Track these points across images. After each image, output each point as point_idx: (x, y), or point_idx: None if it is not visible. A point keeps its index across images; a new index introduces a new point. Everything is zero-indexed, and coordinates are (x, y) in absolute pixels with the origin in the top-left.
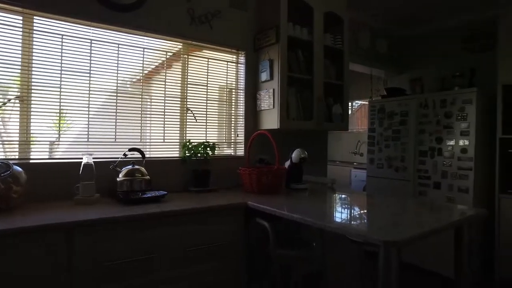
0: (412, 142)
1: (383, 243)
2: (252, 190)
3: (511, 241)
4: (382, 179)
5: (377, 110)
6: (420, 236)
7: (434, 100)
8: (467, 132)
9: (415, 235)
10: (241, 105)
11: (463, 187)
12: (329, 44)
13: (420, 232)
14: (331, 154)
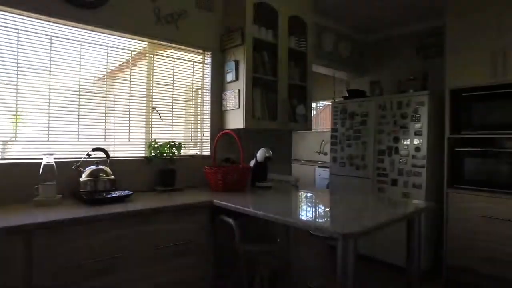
0: (372, 141)
1: (341, 235)
2: (218, 188)
3: (457, 231)
4: (344, 177)
5: (340, 110)
6: (375, 227)
7: (391, 102)
8: (420, 132)
9: (371, 227)
10: (207, 105)
11: (417, 183)
12: (294, 46)
13: (375, 224)
14: (296, 153)
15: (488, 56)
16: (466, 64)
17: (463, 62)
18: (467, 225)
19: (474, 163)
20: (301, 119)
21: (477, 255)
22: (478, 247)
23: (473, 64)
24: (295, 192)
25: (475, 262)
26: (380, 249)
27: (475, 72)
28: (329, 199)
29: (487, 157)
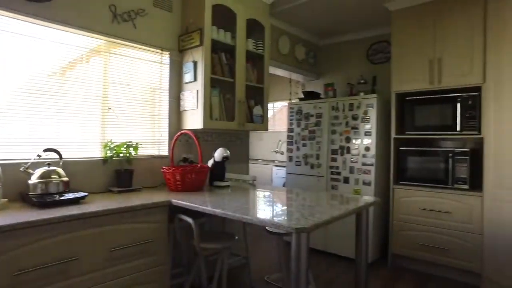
0: (326, 141)
1: (294, 230)
2: (176, 188)
3: (401, 223)
4: (300, 175)
5: (295, 111)
6: (326, 222)
7: (343, 104)
8: (369, 133)
9: (322, 221)
10: (165, 105)
11: (367, 181)
12: (251, 49)
13: (326, 219)
14: (254, 153)
15: (426, 64)
16: (408, 71)
17: (406, 69)
18: (409, 217)
19: (416, 161)
20: (258, 119)
21: (417, 244)
22: (417, 236)
23: (414, 71)
24: (252, 191)
25: (415, 250)
26: (333, 244)
27: (416, 78)
28: (285, 197)
29: (426, 155)
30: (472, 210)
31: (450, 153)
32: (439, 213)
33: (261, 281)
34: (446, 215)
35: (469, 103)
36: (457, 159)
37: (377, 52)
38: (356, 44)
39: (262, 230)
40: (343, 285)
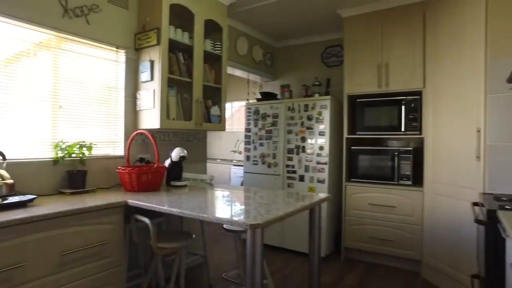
0: (282, 141)
1: (249, 226)
2: (132, 189)
3: (352, 217)
4: (257, 174)
5: (253, 111)
6: (280, 218)
7: (299, 105)
8: (323, 133)
9: (276, 217)
10: (121, 104)
11: (321, 179)
12: (209, 49)
13: (280, 215)
14: (213, 153)
15: (375, 69)
16: (359, 74)
17: (357, 72)
18: (360, 213)
19: (366, 159)
20: (215, 119)
21: (366, 237)
22: (367, 230)
23: (365, 75)
24: (209, 190)
25: (365, 242)
26: (290, 240)
27: (366, 82)
28: (242, 195)
29: (375, 154)
30: (414, 204)
31: (396, 152)
32: (386, 207)
33: (220, 279)
34: (392, 209)
35: (412, 105)
36: (402, 157)
37: (331, 56)
38: (311, 47)
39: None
40: (298, 279)
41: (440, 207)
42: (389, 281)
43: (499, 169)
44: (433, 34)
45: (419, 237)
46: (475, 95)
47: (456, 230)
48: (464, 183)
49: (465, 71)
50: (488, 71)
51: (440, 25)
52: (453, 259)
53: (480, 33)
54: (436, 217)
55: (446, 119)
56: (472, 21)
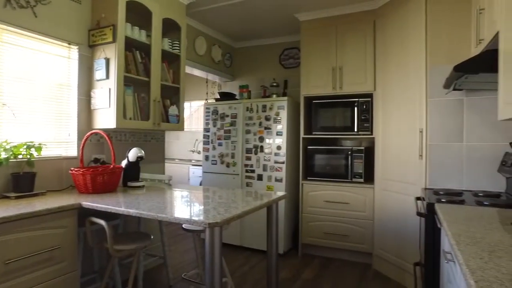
0: (241, 140)
1: (207, 224)
2: (87, 190)
3: (309, 215)
4: (216, 174)
5: (211, 111)
6: (238, 216)
7: (257, 105)
8: (281, 133)
9: (234, 216)
10: (74, 102)
11: (279, 178)
12: (167, 48)
13: (238, 213)
14: (171, 153)
15: (330, 71)
16: (315, 76)
17: (313, 75)
18: (316, 210)
19: (321, 158)
20: (174, 119)
21: (322, 232)
22: (323, 226)
23: (320, 77)
24: (168, 190)
25: (321, 238)
26: (249, 239)
27: (321, 84)
28: (200, 195)
29: (330, 153)
30: (366, 200)
31: (349, 151)
32: (340, 204)
33: (179, 279)
34: (345, 206)
35: (364, 107)
36: (355, 156)
37: (289, 58)
38: (270, 48)
39: (179, 229)
40: (257, 276)
41: (388, 202)
42: (343, 274)
43: (438, 166)
44: (382, 41)
45: (370, 231)
46: (418, 98)
47: (402, 223)
48: (409, 179)
49: (410, 77)
50: (428, 77)
51: (388, 33)
52: (399, 250)
53: (422, 42)
54: (385, 212)
55: (394, 120)
56: (415, 32)
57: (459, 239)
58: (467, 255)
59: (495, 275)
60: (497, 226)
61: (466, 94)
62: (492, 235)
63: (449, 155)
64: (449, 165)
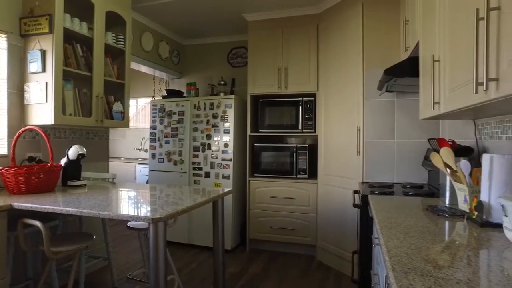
0: (188, 138)
1: (151, 220)
2: (20, 191)
3: (256, 211)
4: (163, 172)
5: (158, 109)
6: (182, 211)
7: (205, 103)
8: (228, 130)
9: (178, 211)
10: (3, 97)
11: (226, 175)
12: (111, 42)
13: (183, 208)
14: (117, 151)
15: (276, 71)
16: (261, 76)
17: (259, 74)
18: (263, 205)
19: (268, 156)
20: (118, 116)
21: (269, 227)
22: (270, 221)
23: (266, 76)
24: (112, 189)
25: (268, 233)
26: (197, 236)
27: (267, 83)
28: (145, 193)
29: (276, 150)
30: (310, 195)
31: (294, 149)
32: (286, 199)
33: (125, 280)
34: (291, 201)
35: (308, 106)
36: (299, 153)
37: (237, 57)
38: (218, 47)
39: (125, 229)
40: (205, 273)
41: (330, 196)
42: (289, 266)
43: (373, 162)
44: (325, 44)
45: (314, 224)
46: (356, 99)
47: (342, 215)
48: (349, 174)
49: (349, 78)
50: (365, 80)
51: (330, 37)
52: (340, 241)
53: (359, 47)
54: (327, 205)
55: (334, 119)
56: (353, 37)
57: (383, 224)
58: (387, 237)
59: (406, 251)
60: (416, 212)
61: (396, 96)
62: (410, 220)
63: (383, 151)
64: (383, 161)
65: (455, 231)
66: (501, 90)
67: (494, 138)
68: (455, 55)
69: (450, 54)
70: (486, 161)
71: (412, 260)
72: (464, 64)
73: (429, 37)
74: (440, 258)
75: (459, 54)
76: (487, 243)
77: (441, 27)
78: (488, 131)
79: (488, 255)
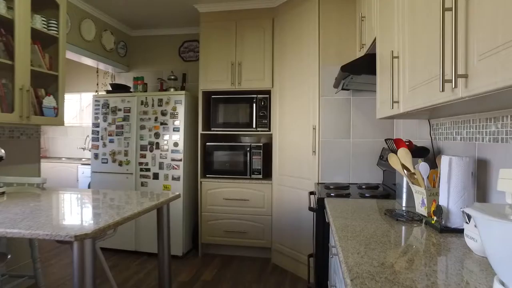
0: (135, 137)
1: (74, 237)
2: None
3: (209, 213)
4: (107, 174)
5: (101, 105)
6: (115, 223)
7: (153, 99)
8: (178, 128)
9: (109, 224)
10: None
11: (176, 176)
12: (40, 27)
13: (116, 220)
14: (57, 151)
15: (229, 66)
16: (214, 71)
17: (212, 69)
18: (215, 208)
19: (221, 155)
20: (50, 112)
21: (222, 231)
22: (223, 224)
23: (219, 72)
24: (37, 197)
25: (221, 237)
26: (145, 242)
27: (220, 79)
28: (77, 200)
29: (230, 150)
30: (265, 196)
31: (248, 148)
32: (240, 201)
33: None
34: (245, 202)
35: (262, 104)
36: (254, 152)
37: (189, 50)
38: (169, 39)
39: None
40: (153, 283)
41: (285, 197)
42: (243, 271)
43: (329, 162)
44: (280, 39)
45: (269, 226)
46: (312, 96)
47: (297, 217)
48: (304, 175)
49: (305, 75)
50: (321, 77)
51: (285, 32)
52: (295, 243)
53: (315, 43)
54: (282, 207)
55: (289, 117)
56: (309, 32)
57: (342, 234)
58: (346, 251)
59: (369, 270)
60: (374, 217)
61: (352, 94)
62: (369, 227)
63: (339, 151)
64: (338, 160)
65: (416, 238)
66: (471, 88)
67: (449, 138)
68: (416, 51)
69: (411, 50)
70: (445, 163)
71: (376, 283)
72: (427, 60)
73: (387, 32)
74: (406, 277)
75: (420, 50)
76: (448, 251)
77: (400, 21)
78: (443, 131)
79: (448, 264)
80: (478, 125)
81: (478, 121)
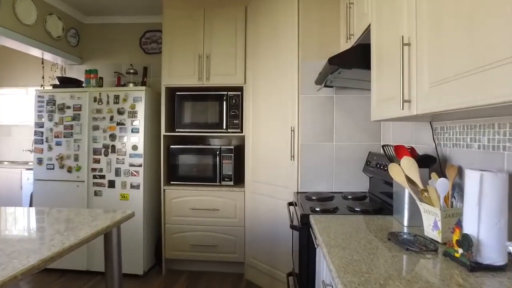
0: (86, 139)
1: None
2: None
3: (173, 226)
4: (54, 182)
5: (46, 101)
6: (22, 273)
7: (108, 95)
8: (138, 129)
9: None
10: None
11: (135, 184)
12: None
13: (21, 270)
14: None
15: (196, 59)
16: (179, 64)
17: (176, 62)
18: (181, 219)
19: (187, 159)
20: None
21: (189, 244)
22: (189, 237)
23: (184, 65)
24: None
25: (187, 251)
26: (97, 261)
27: (185, 73)
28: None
29: (197, 153)
30: (236, 205)
31: (217, 151)
32: (208, 211)
33: None
34: (215, 212)
35: (233, 102)
36: (224, 156)
37: (152, 41)
38: (129, 29)
39: None
40: None
41: (260, 207)
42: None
43: (310, 168)
44: (254, 30)
45: (241, 239)
46: (290, 94)
47: (273, 230)
48: (281, 182)
49: (282, 71)
50: (300, 72)
51: (260, 22)
52: (271, 259)
53: (294, 35)
54: (257, 218)
55: (265, 117)
56: (287, 23)
57: (347, 278)
58: None
59: None
60: (377, 244)
61: (336, 92)
62: (378, 263)
63: (321, 156)
64: (320, 166)
65: (442, 281)
66: None
67: (460, 145)
68: (441, 33)
69: (432, 33)
70: (473, 180)
71: None
72: (462, 41)
73: (390, 16)
74: None
75: (451, 28)
76: None
77: None
78: (451, 137)
79: None
80: (506, 131)
81: (507, 126)
